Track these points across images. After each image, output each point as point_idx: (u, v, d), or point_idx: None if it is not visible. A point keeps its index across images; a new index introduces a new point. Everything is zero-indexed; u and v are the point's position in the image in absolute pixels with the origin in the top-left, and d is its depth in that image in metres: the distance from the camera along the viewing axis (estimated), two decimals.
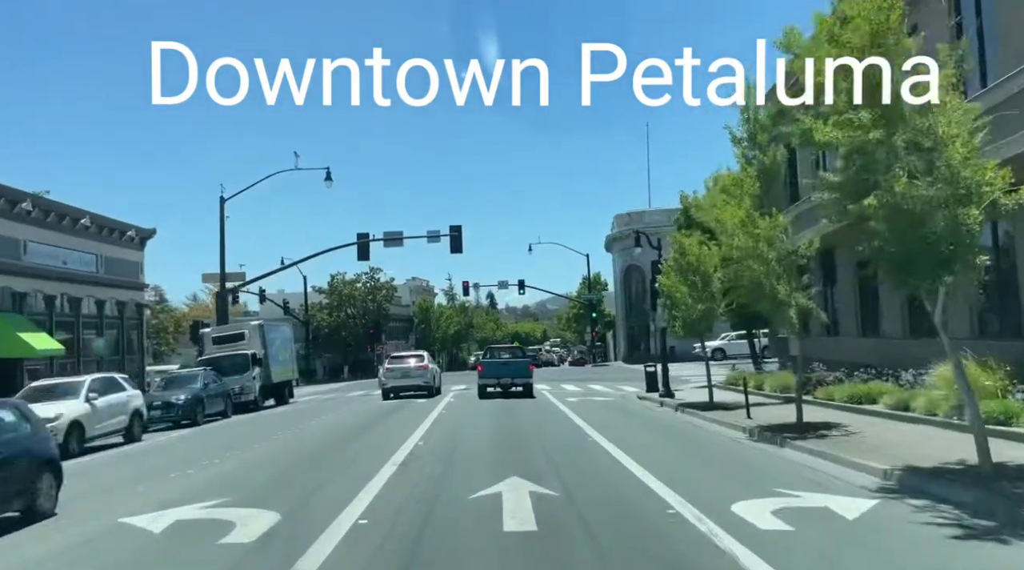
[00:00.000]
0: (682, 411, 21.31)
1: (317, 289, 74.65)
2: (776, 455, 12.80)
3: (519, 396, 27.85)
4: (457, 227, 37.32)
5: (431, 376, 30.02)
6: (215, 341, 30.93)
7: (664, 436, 16.39)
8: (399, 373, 29.50)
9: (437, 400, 28.13)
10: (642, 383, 35.74)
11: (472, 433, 17.50)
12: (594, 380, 39.91)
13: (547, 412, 22.52)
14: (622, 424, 18.91)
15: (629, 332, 66.63)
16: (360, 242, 37.11)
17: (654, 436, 16.34)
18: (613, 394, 30.44)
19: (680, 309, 21.88)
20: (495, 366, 28.39)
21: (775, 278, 15.06)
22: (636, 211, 65.09)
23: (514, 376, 27.94)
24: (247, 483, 11.93)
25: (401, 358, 30.72)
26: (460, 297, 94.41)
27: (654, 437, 16.09)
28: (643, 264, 60.38)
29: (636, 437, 15.91)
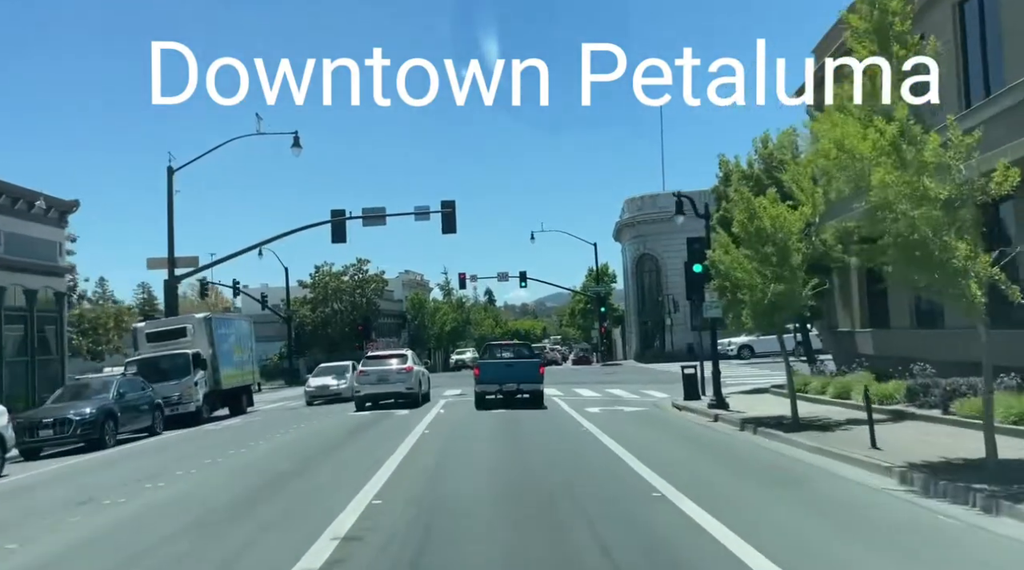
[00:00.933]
0: (755, 432, 15.54)
1: (301, 283, 68.93)
2: (1002, 535, 7.02)
3: (526, 406, 22.10)
4: (450, 202, 31.62)
5: (416, 381, 24.21)
6: (150, 338, 25.11)
7: (774, 487, 10.16)
8: (375, 377, 23.68)
9: (422, 412, 22.34)
10: (667, 386, 30.53)
11: (463, 476, 11.61)
12: (611, 383, 34.16)
13: (568, 433, 16.72)
14: (686, 457, 13.11)
15: (642, 327, 60.87)
16: (335, 220, 31.35)
17: (756, 487, 10.26)
18: (641, 402, 24.74)
19: (747, 293, 16.10)
20: (496, 368, 22.63)
21: (946, 231, 9.33)
22: (649, 194, 59.29)
23: (520, 381, 22.17)
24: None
25: (378, 359, 24.93)
26: (457, 292, 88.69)
27: (759, 490, 10.04)
28: (661, 252, 54.56)
29: (727, 487, 10.09)
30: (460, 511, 8.84)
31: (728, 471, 11.41)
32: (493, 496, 9.72)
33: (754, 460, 12.33)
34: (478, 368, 22.77)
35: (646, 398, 26.30)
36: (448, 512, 8.81)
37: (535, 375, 22.24)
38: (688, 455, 13.27)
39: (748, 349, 48.09)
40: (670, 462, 11.90)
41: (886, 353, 22.20)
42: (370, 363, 24.34)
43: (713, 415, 18.78)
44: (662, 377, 37.11)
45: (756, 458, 12.50)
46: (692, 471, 11.20)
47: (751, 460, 12.38)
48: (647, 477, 10.46)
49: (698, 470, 11.39)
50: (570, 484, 10.20)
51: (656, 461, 11.73)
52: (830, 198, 15.69)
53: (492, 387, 22.25)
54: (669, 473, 10.52)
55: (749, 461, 12.31)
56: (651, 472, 10.76)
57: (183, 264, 30.86)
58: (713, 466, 11.94)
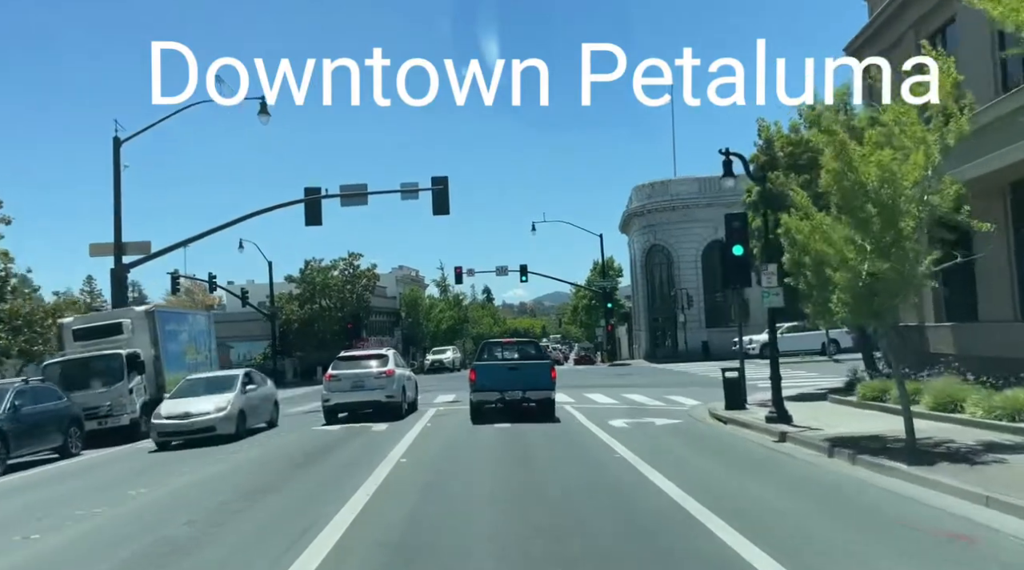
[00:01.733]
0: (853, 461, 11.24)
1: (289, 278, 64.69)
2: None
3: (534, 418, 17.83)
4: (442, 179, 27.30)
5: (398, 387, 19.84)
6: (77, 336, 20.79)
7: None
8: (349, 383, 19.32)
9: (406, 426, 18.03)
10: (692, 390, 26.53)
11: (444, 561, 7.18)
12: (626, 386, 29.89)
13: (598, 463, 12.37)
14: (789, 508, 8.77)
15: (652, 325, 56.58)
16: (309, 199, 27.05)
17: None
18: (670, 411, 20.54)
19: (838, 272, 11.93)
20: (496, 372, 18.26)
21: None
22: (660, 181, 54.98)
23: (527, 387, 17.86)
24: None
25: (352, 360, 20.32)
26: (453, 288, 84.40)
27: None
28: (673, 242, 49.93)
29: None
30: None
31: (884, 545, 7.05)
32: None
33: (898, 516, 8.01)
34: (474, 371, 18.36)
35: (674, 406, 22.09)
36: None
37: (546, 380, 17.93)
38: (791, 505, 8.93)
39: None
40: (768, 519, 7.64)
41: (972, 352, 17.99)
42: (342, 365, 19.95)
43: (777, 433, 14.51)
44: (682, 379, 32.87)
45: (901, 513, 8.16)
46: (825, 542, 6.92)
47: (892, 516, 8.06)
48: (754, 559, 6.18)
49: (831, 542, 7.07)
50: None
51: (746, 519, 7.47)
52: (947, 144, 11.58)
53: (492, 395, 17.96)
54: (786, 546, 6.25)
55: (890, 519, 7.98)
56: (753, 547, 6.48)
57: (133, 250, 26.53)
58: (846, 531, 7.57)
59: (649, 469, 11.02)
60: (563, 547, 6.86)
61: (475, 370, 18.21)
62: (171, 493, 11.24)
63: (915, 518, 7.82)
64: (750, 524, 7.35)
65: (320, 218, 27.31)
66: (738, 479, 10.55)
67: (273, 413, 20.35)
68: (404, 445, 14.44)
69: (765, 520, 7.76)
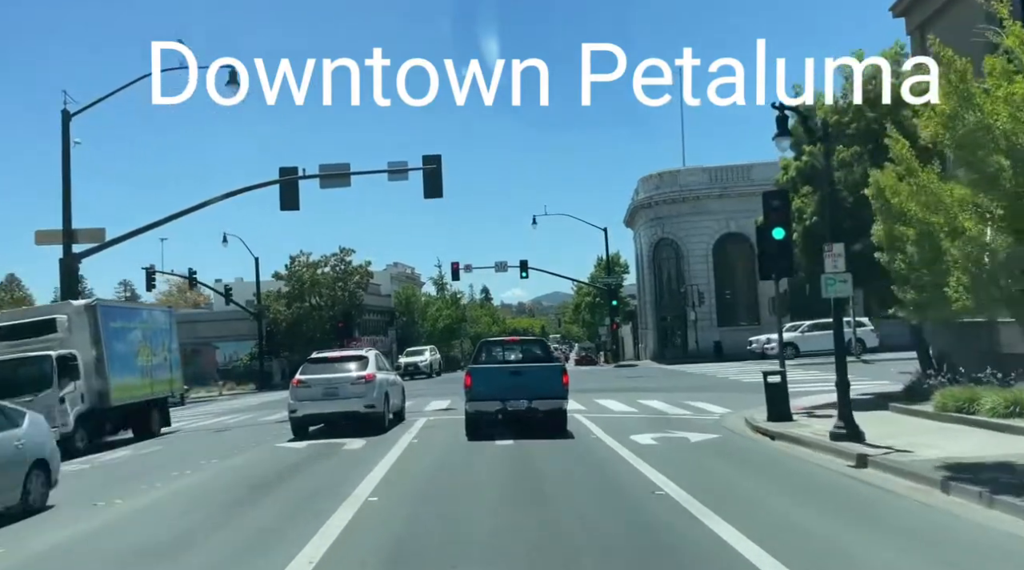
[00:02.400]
0: (989, 503, 8.15)
1: (277, 275, 61.60)
2: None
3: (542, 433, 14.73)
4: (434, 158, 24.21)
5: (379, 395, 16.66)
6: (0, 335, 17.66)
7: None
8: (320, 390, 16.17)
9: (387, 442, 14.88)
10: (714, 395, 23.90)
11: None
12: (639, 390, 26.85)
13: (634, 502, 9.19)
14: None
15: (659, 324, 53.48)
16: (285, 180, 23.96)
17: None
18: (701, 422, 17.54)
19: (956, 244, 8.89)
20: (497, 377, 15.05)
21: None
22: (669, 170, 51.88)
23: (533, 395, 14.70)
24: None
25: (326, 362, 17.18)
26: (450, 287, 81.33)
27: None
28: (683, 236, 46.49)
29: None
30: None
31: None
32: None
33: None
34: (470, 376, 15.13)
35: (701, 415, 19.09)
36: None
37: (556, 387, 14.79)
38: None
39: (792, 347, 40.62)
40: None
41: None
42: (313, 369, 16.76)
43: (852, 455, 11.42)
44: (700, 383, 29.82)
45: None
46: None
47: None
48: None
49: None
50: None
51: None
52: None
53: (491, 405, 14.81)
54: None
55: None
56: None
57: (85, 238, 23.42)
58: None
59: (708, 514, 7.94)
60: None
61: (471, 375, 15.04)
62: (38, 557, 8.06)
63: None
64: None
65: (297, 202, 24.19)
66: (844, 533, 7.46)
67: None
68: (379, 472, 11.31)
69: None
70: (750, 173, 49.71)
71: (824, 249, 13.07)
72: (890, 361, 33.66)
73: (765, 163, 50.68)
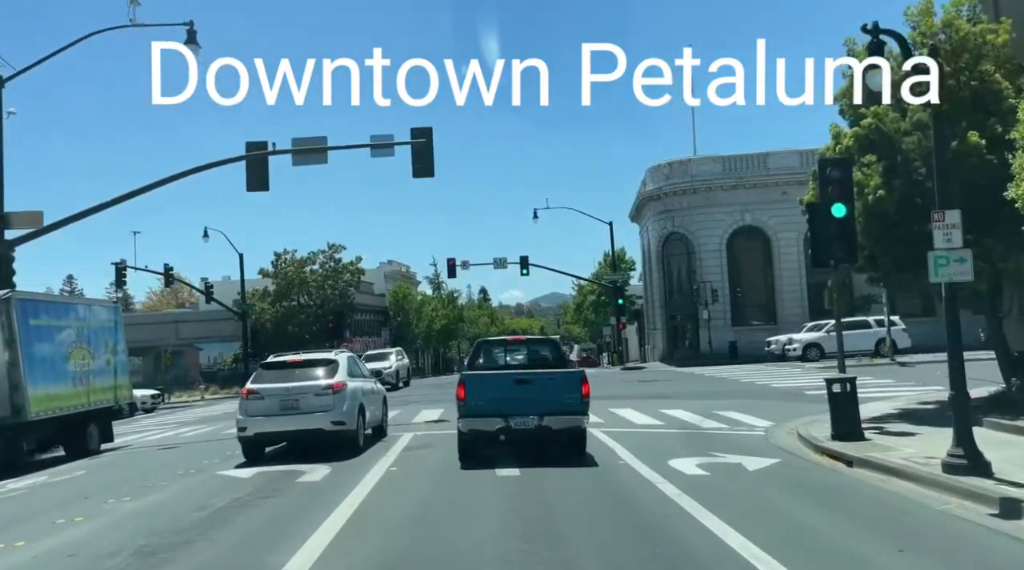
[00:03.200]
0: None
1: (264, 272, 58.46)
2: None
3: (556, 458, 11.51)
4: (424, 130, 21.00)
5: (351, 407, 13.34)
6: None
7: None
8: (277, 402, 12.83)
9: (356, 471, 11.56)
10: (742, 402, 20.46)
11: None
12: (658, 397, 23.68)
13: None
14: None
15: (669, 323, 50.26)
16: (252, 156, 20.74)
17: None
18: (743, 439, 14.48)
19: None
20: (498, 386, 11.67)
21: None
22: (679, 160, 48.67)
23: (545, 410, 11.38)
24: None
25: (285, 368, 13.77)
26: (447, 286, 78.22)
27: None
28: (695, 230, 42.70)
29: None
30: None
31: None
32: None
33: None
34: (463, 385, 11.71)
35: (740, 428, 16.04)
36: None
37: (574, 400, 11.50)
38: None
39: (816, 348, 37.46)
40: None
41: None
42: (269, 376, 13.39)
43: (993, 498, 8.21)
44: (723, 388, 26.61)
45: None
46: None
47: None
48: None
49: None
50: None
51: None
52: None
53: (491, 423, 11.52)
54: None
55: None
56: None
57: (19, 222, 20.20)
58: None
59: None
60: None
61: (465, 383, 11.72)
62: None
63: None
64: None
65: (266, 181, 20.94)
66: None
67: None
68: (334, 523, 8.06)
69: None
70: (766, 162, 46.60)
71: (933, 218, 9.86)
72: (929, 363, 30.47)
73: (782, 151, 47.66)
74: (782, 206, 46.13)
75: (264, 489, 10.56)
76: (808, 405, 19.38)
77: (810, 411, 18.15)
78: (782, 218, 46.04)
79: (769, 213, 46.09)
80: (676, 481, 9.98)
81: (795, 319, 44.27)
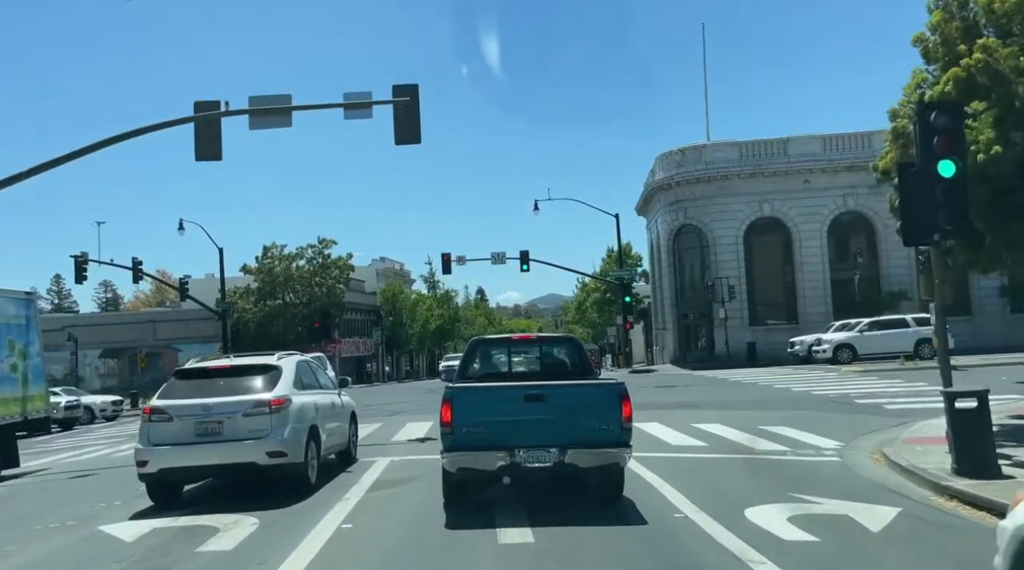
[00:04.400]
0: None
1: (247, 269, 54.92)
2: None
3: (584, 510, 7.96)
4: (408, 88, 17.48)
5: (296, 433, 9.54)
6: None
7: None
8: (191, 425, 9.10)
9: (290, 533, 7.90)
10: (784, 414, 17.01)
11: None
12: (683, 406, 20.22)
13: None
14: None
15: (680, 322, 46.70)
16: (203, 117, 17.15)
17: None
18: (825, 471, 11.11)
19: None
20: (500, 403, 8.13)
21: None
22: (692, 146, 45.11)
23: (568, 442, 7.77)
24: None
25: (203, 378, 9.92)
26: (444, 285, 74.62)
27: None
28: (709, 221, 38.29)
29: None
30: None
31: None
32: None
33: None
34: (449, 404, 7.98)
35: (805, 452, 12.74)
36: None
37: (613, 425, 7.72)
38: None
39: (848, 350, 33.88)
40: None
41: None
42: (180, 390, 9.62)
43: None
44: (752, 395, 23.08)
45: None
46: None
47: None
48: None
49: None
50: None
51: None
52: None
53: (489, 459, 7.83)
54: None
55: None
56: None
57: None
58: None
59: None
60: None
61: (453, 401, 8.05)
62: None
63: None
64: None
65: (219, 149, 17.34)
66: None
67: None
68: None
69: None
70: (787, 148, 43.08)
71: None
72: (984, 367, 27.01)
73: (804, 137, 44.09)
74: (804, 195, 42.71)
75: (145, 564, 6.95)
76: (870, 418, 16.13)
77: (877, 426, 14.82)
78: (804, 208, 42.62)
79: (790, 203, 42.62)
80: (774, 553, 6.45)
81: (818, 318, 40.79)
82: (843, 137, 42.73)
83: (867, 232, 42.75)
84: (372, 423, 19.43)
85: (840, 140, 42.72)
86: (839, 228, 43.04)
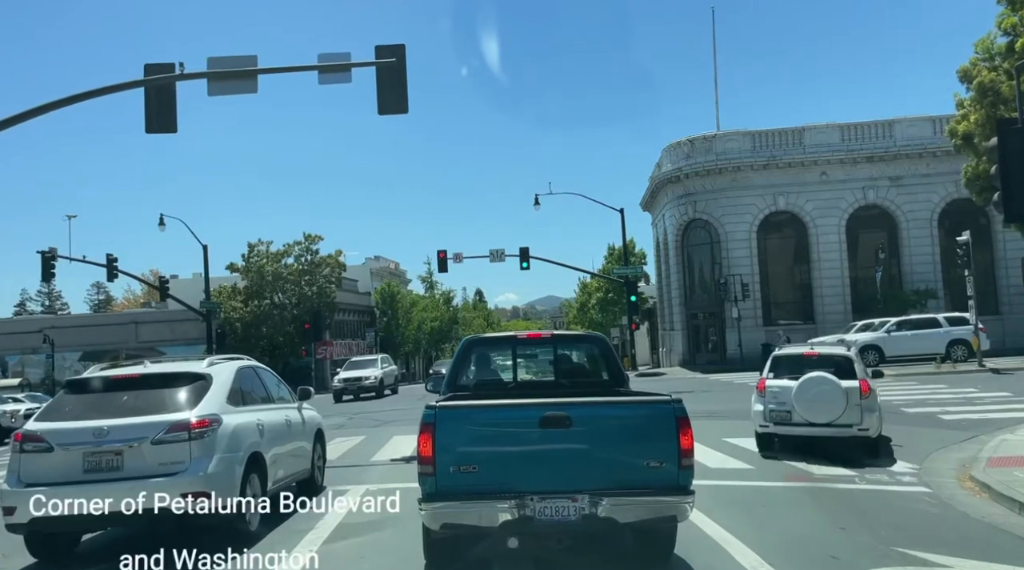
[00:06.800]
0: None
1: (233, 267, 52.43)
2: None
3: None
4: (394, 48, 15.06)
5: (225, 466, 7.00)
6: None
7: None
8: (78, 456, 6.51)
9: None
10: None
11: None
12: (706, 416, 17.79)
13: None
14: None
15: (689, 322, 44.25)
16: (154, 80, 14.70)
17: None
18: (919, 510, 8.53)
19: None
20: (505, 430, 5.68)
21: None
22: (702, 136, 42.64)
23: (603, 486, 5.38)
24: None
25: (103, 392, 7.13)
26: (441, 285, 72.19)
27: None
28: (720, 215, 35.61)
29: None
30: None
31: None
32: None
33: None
34: (430, 431, 5.60)
35: (876, 479, 10.46)
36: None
37: (668, 461, 5.41)
38: None
39: (874, 352, 31.40)
40: None
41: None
42: (72, 407, 6.93)
43: None
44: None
45: None
46: None
47: None
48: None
49: None
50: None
51: None
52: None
53: (490, 510, 5.43)
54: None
55: None
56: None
57: None
58: None
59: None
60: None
61: (435, 427, 5.59)
62: None
63: None
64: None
65: (174, 120, 14.89)
66: None
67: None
68: None
69: None
70: (802, 138, 40.68)
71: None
72: None
73: (820, 126, 41.67)
74: (821, 188, 40.30)
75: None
76: (930, 431, 14.19)
77: (943, 440, 12.79)
78: (821, 202, 40.19)
79: (806, 196, 40.20)
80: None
81: (836, 318, 38.40)
82: (863, 126, 40.31)
83: (889, 227, 40.34)
84: (353, 436, 17.00)
85: (859, 129, 40.30)
86: (858, 223, 40.61)
